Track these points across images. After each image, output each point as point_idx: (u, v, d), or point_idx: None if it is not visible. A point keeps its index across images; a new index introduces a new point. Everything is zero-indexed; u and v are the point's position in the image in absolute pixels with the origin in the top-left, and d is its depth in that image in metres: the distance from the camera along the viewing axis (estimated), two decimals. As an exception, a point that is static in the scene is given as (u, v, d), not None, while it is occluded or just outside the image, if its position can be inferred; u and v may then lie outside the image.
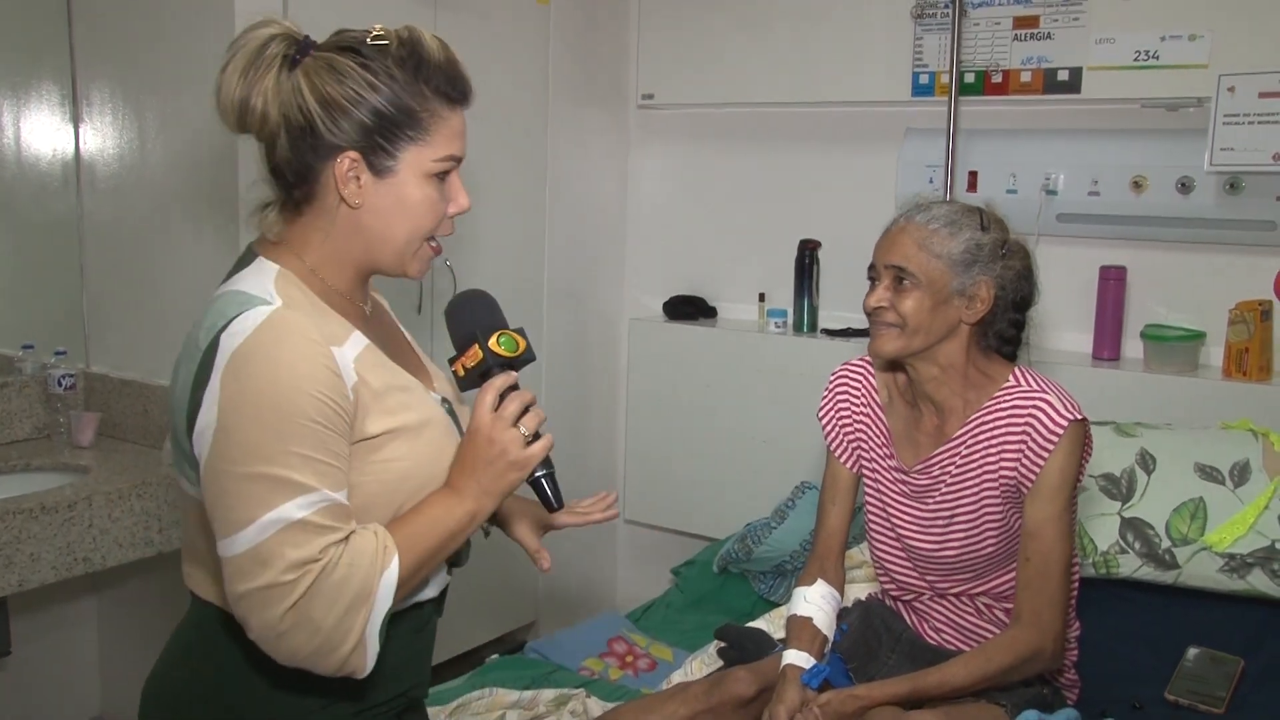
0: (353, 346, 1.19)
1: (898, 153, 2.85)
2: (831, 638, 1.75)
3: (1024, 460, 1.61)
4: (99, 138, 2.52)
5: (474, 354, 1.24)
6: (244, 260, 1.25)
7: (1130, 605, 2.07)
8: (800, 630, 1.73)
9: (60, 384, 2.48)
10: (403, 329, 1.42)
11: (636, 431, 3.31)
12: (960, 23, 2.67)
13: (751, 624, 2.06)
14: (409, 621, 1.29)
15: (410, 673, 1.32)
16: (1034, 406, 1.61)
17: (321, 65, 1.17)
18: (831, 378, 1.86)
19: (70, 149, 2.55)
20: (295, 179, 1.20)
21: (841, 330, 2.99)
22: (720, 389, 3.11)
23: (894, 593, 1.81)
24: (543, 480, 1.26)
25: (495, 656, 2.36)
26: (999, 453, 1.64)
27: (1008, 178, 2.70)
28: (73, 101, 2.53)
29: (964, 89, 2.71)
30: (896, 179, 2.85)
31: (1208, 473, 2.05)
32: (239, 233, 2.31)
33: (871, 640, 1.75)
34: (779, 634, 1.96)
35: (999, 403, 1.65)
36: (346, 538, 1.12)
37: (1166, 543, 2.01)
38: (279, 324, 1.12)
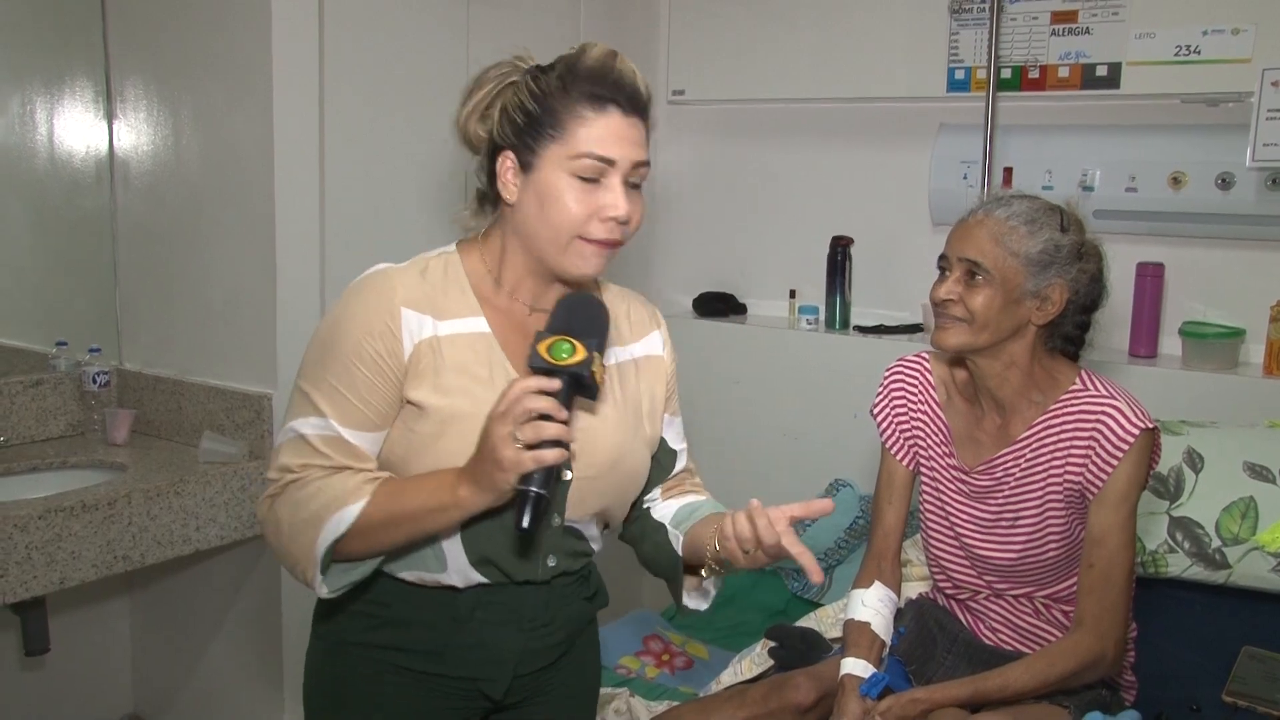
0: (455, 326, 1.29)
1: (931, 148, 2.83)
2: (889, 641, 1.73)
3: (1091, 466, 1.59)
4: (133, 134, 2.51)
5: (537, 348, 1.21)
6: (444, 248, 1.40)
7: (1180, 605, 2.05)
8: (858, 636, 1.71)
9: (95, 381, 2.47)
10: None
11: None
12: (998, 17, 2.65)
13: (802, 623, 2.04)
14: (495, 608, 1.33)
15: (489, 663, 1.34)
16: (1103, 412, 1.59)
17: (518, 84, 1.30)
18: (886, 374, 1.83)
19: (104, 145, 2.54)
20: (486, 180, 1.34)
21: (874, 327, 2.97)
22: (751, 386, 3.10)
23: (949, 591, 1.79)
24: (527, 494, 1.14)
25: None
26: (1065, 458, 1.62)
27: (1043, 174, 2.67)
28: (106, 97, 2.52)
29: (1001, 84, 2.69)
30: (930, 175, 2.84)
31: (1258, 471, 2.03)
32: (274, 229, 2.30)
33: (927, 641, 1.73)
34: (830, 634, 1.95)
35: (1065, 406, 1.63)
36: (337, 469, 1.26)
37: (1216, 542, 1.99)
38: (374, 276, 1.29)
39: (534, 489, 1.14)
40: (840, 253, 2.99)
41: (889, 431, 1.81)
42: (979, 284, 1.59)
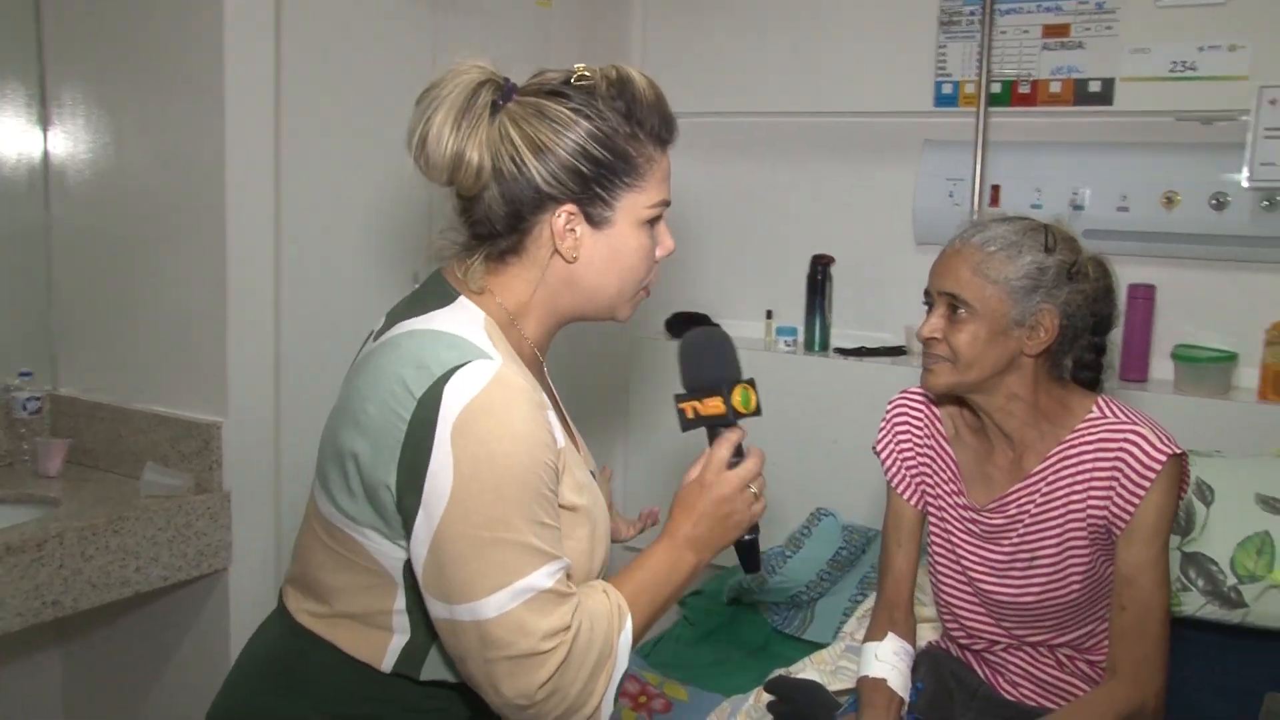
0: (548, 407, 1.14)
1: (917, 165, 2.74)
2: (907, 698, 1.60)
3: (1115, 499, 1.48)
4: (70, 142, 2.33)
5: (715, 405, 1.23)
6: (437, 292, 1.17)
7: (1197, 647, 1.95)
8: (874, 694, 1.57)
9: (25, 408, 2.28)
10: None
11: (639, 452, 3.16)
12: (989, 30, 2.57)
13: (802, 675, 1.90)
14: None
15: None
16: (1125, 440, 1.48)
17: (530, 111, 1.11)
18: (889, 407, 1.72)
19: (38, 153, 2.35)
20: (504, 230, 1.15)
21: (855, 350, 2.87)
22: (728, 411, 2.97)
23: (962, 640, 1.67)
24: (751, 542, 1.25)
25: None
26: (1086, 490, 1.50)
27: (1032, 192, 2.60)
28: (41, 102, 2.33)
29: (991, 99, 2.61)
30: (915, 192, 2.75)
31: (1271, 505, 1.95)
32: (225, 245, 2.13)
33: (943, 697, 1.61)
34: (833, 685, 1.82)
35: (1083, 436, 1.52)
36: (579, 602, 1.10)
37: (1232, 580, 1.90)
38: (506, 384, 1.06)
39: (756, 532, 1.25)
40: (820, 272, 2.89)
41: (894, 470, 1.69)
42: (961, 319, 1.49)
